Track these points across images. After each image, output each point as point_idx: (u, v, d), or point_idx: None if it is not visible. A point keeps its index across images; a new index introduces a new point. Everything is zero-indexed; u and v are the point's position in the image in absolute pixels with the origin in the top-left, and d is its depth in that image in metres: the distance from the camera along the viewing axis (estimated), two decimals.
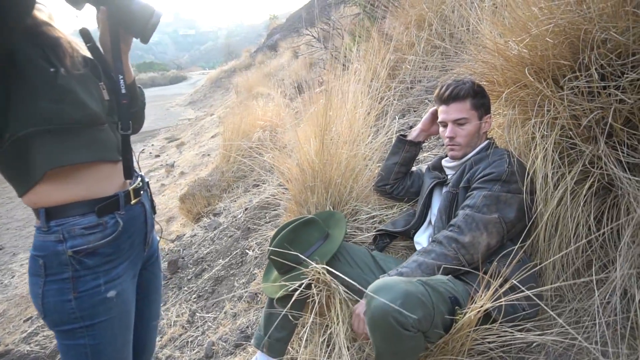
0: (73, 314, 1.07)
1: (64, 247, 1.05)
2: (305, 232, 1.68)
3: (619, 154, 1.37)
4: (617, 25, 1.38)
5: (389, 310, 1.11)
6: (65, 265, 1.06)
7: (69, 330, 1.09)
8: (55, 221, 1.05)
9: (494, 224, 1.46)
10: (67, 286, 1.06)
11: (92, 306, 1.09)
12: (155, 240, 1.39)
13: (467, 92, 1.64)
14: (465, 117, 1.64)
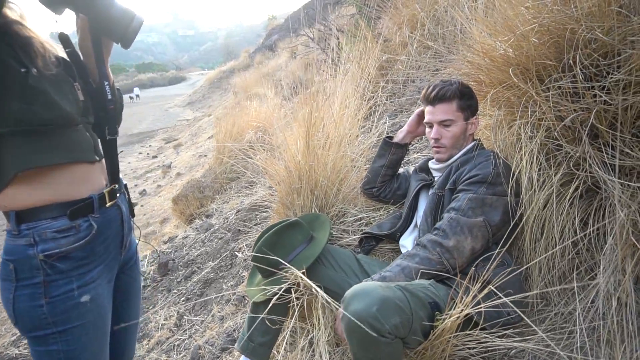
0: (45, 319, 1.05)
1: (35, 251, 1.03)
2: (288, 235, 1.66)
3: (604, 156, 1.35)
4: (602, 25, 1.36)
5: (364, 316, 1.09)
6: (37, 270, 1.03)
7: (41, 336, 1.07)
8: (26, 224, 1.03)
9: (479, 227, 1.44)
10: (38, 291, 1.04)
11: (64, 311, 1.07)
12: (133, 243, 1.37)
13: (453, 93, 1.62)
14: (451, 119, 1.62)
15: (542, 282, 1.51)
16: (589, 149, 1.38)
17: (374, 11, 4.73)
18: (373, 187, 1.95)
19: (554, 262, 1.48)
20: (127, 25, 1.09)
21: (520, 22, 1.55)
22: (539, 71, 1.51)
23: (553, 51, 1.48)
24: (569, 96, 1.41)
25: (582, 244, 1.43)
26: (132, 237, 1.36)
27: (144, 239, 4.47)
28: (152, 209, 6.68)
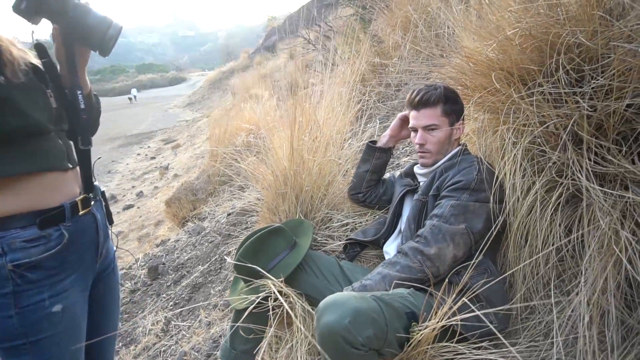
0: (15, 330, 1.03)
1: (3, 261, 1.00)
2: (271, 242, 1.64)
3: (587, 163, 1.32)
4: (585, 30, 1.34)
5: (336, 328, 1.06)
6: (6, 280, 1.01)
7: (13, 347, 1.05)
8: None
9: (461, 234, 1.41)
10: (8, 301, 1.02)
11: (35, 322, 1.05)
12: (111, 251, 1.35)
13: (437, 98, 1.59)
14: (436, 124, 1.60)
15: (526, 289, 1.49)
16: (572, 155, 1.35)
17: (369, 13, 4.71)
18: (359, 192, 1.93)
19: (538, 269, 1.46)
20: (104, 33, 1.07)
21: (505, 25, 1.53)
22: (523, 76, 1.49)
23: (536, 55, 1.46)
24: (552, 102, 1.39)
25: (566, 251, 1.41)
26: (110, 244, 1.34)
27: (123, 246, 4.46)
28: (147, 210, 6.67)
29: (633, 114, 1.28)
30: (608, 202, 1.26)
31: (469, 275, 1.39)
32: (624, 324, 1.30)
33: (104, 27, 1.07)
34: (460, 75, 1.70)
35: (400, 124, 1.86)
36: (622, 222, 1.26)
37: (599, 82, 1.29)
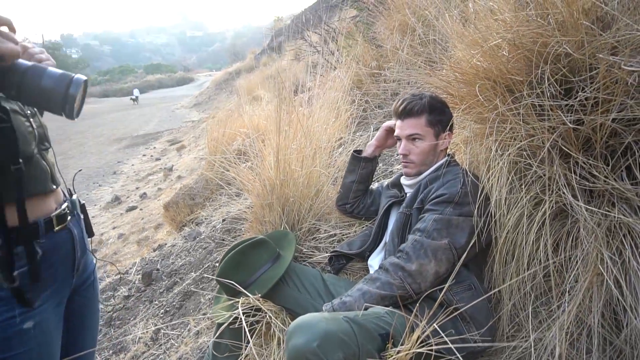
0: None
1: None
2: (253, 254, 1.61)
3: (573, 178, 1.28)
4: (572, 40, 1.30)
5: (304, 351, 1.03)
6: None
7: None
8: None
9: (444, 250, 1.37)
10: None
11: (6, 339, 1.02)
12: (89, 264, 1.33)
13: (422, 107, 1.56)
14: (419, 134, 1.56)
15: (512, 305, 1.45)
16: (559, 169, 1.31)
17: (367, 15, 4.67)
18: (346, 203, 1.89)
19: (525, 285, 1.41)
20: (63, 94, 0.92)
21: (492, 34, 1.49)
22: (509, 86, 1.45)
23: (523, 65, 1.42)
24: (538, 114, 1.35)
25: (553, 267, 1.37)
26: (89, 257, 1.32)
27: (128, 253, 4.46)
28: (150, 212, 6.67)
29: (621, 128, 1.23)
30: (594, 220, 1.22)
31: (453, 292, 1.36)
32: (612, 345, 1.26)
33: (61, 88, 0.92)
34: (446, 85, 1.66)
35: (385, 134, 1.83)
36: (609, 241, 1.21)
37: (585, 94, 1.25)
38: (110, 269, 3.92)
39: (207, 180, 4.25)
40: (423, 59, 2.50)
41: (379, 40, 4.15)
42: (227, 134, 4.12)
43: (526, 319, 1.41)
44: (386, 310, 1.28)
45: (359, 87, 3.62)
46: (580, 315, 1.27)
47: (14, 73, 0.89)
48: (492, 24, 1.53)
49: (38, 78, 0.90)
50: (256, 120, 4.23)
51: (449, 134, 1.60)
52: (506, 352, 1.39)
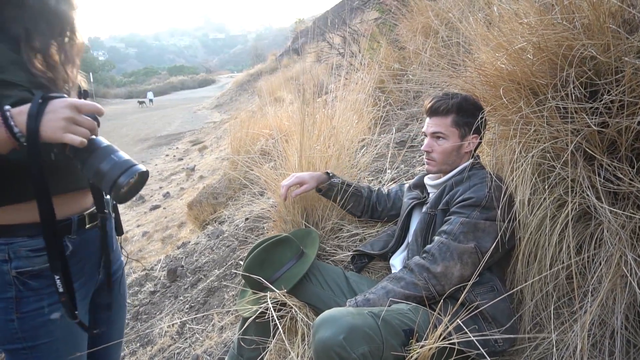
0: (15, 334, 1.07)
1: (8, 267, 1.04)
2: (277, 252, 1.65)
3: (597, 180, 1.29)
4: (599, 43, 1.30)
5: (330, 344, 1.07)
6: (10, 285, 1.05)
7: (13, 350, 1.09)
8: (3, 239, 1.05)
9: (470, 253, 1.39)
10: (10, 306, 1.06)
11: (33, 327, 1.08)
12: (116, 261, 1.36)
13: (449, 107, 1.57)
14: (443, 132, 1.57)
15: (534, 306, 1.46)
16: (582, 172, 1.32)
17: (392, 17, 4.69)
18: (353, 213, 1.96)
19: (547, 286, 1.42)
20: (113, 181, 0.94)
21: (518, 37, 1.51)
22: (534, 88, 1.46)
23: (548, 68, 1.43)
24: (562, 116, 1.36)
25: (576, 269, 1.38)
26: (116, 254, 1.36)
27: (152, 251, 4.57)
28: (172, 212, 6.81)
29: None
30: (618, 222, 1.22)
31: (475, 293, 1.37)
32: (635, 347, 1.26)
33: (114, 174, 0.94)
34: (472, 87, 1.68)
35: None
36: (633, 243, 1.22)
37: (610, 97, 1.26)
38: (135, 266, 4.03)
39: (230, 179, 4.33)
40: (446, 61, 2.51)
41: (401, 42, 4.17)
42: (250, 134, 4.19)
43: (548, 319, 1.42)
44: (410, 307, 1.31)
45: (381, 88, 3.64)
46: (603, 317, 1.27)
47: (85, 150, 0.95)
48: (517, 27, 1.54)
49: (100, 160, 0.95)
50: (278, 121, 4.29)
51: (475, 137, 1.60)
52: (527, 351, 1.40)
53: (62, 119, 0.90)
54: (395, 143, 2.83)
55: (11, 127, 0.87)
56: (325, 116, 2.31)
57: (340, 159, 2.10)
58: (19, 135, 0.88)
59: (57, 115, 0.90)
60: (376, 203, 1.94)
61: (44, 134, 0.89)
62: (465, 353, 1.24)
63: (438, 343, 1.13)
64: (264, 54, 36.13)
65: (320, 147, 2.06)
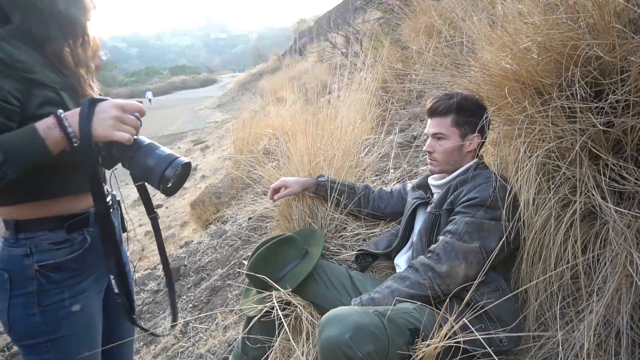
0: (37, 327, 1.09)
1: (30, 262, 1.07)
2: (282, 251, 1.66)
3: (603, 180, 1.29)
4: (604, 43, 1.30)
5: (336, 343, 1.07)
6: (31, 279, 1.07)
7: (34, 344, 1.11)
8: (24, 234, 1.07)
9: (475, 253, 1.39)
10: (31, 300, 1.08)
11: (56, 320, 1.10)
12: (125, 256, 1.39)
13: (449, 107, 1.57)
14: (443, 133, 1.58)
15: (539, 306, 1.46)
16: (587, 171, 1.32)
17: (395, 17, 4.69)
18: (355, 212, 1.98)
19: (551, 286, 1.42)
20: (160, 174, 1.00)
21: (522, 37, 1.51)
22: (539, 88, 1.46)
23: (553, 68, 1.43)
24: (567, 116, 1.36)
25: (581, 268, 1.38)
26: (124, 250, 1.39)
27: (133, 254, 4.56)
28: (175, 211, 6.84)
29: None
30: (623, 222, 1.22)
31: (480, 292, 1.37)
32: None
33: (161, 168, 1.00)
34: (476, 87, 1.68)
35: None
36: (639, 242, 1.22)
37: (616, 97, 1.26)
38: (139, 265, 4.04)
39: (232, 179, 4.34)
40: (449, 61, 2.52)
41: (404, 42, 4.17)
42: (253, 134, 4.20)
43: (552, 319, 1.42)
44: (415, 306, 1.31)
45: (384, 88, 3.64)
46: (608, 317, 1.27)
47: (130, 149, 1.01)
48: (522, 26, 1.54)
49: (146, 157, 1.01)
50: (281, 120, 4.30)
51: (477, 136, 1.59)
52: (532, 351, 1.40)
53: (111, 117, 0.96)
54: (398, 143, 2.83)
55: (65, 128, 0.93)
56: (329, 116, 2.32)
57: (344, 159, 2.10)
58: (72, 135, 0.94)
59: (106, 115, 0.96)
60: (378, 200, 1.95)
61: (95, 132, 0.95)
62: (470, 352, 1.25)
63: (444, 342, 1.13)
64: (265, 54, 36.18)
65: (324, 147, 2.06)
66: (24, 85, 0.99)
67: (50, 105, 1.02)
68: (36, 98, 1.00)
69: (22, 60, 0.99)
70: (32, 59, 1.02)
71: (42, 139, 0.92)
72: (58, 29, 1.08)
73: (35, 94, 1.00)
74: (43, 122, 0.93)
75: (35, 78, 1.01)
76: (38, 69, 1.02)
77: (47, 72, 1.05)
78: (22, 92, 0.98)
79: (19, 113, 0.98)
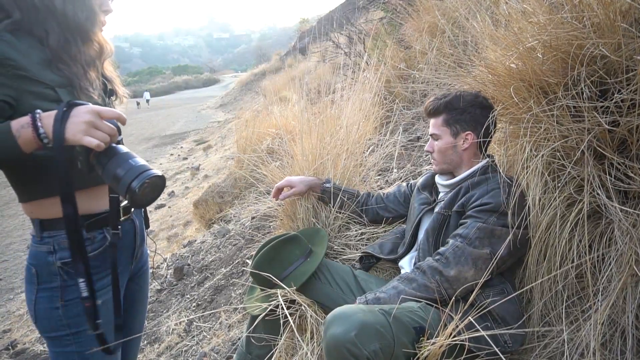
0: (60, 321, 1.13)
1: (54, 258, 1.11)
2: (286, 250, 1.66)
3: (608, 179, 1.29)
4: (610, 42, 1.30)
5: (342, 341, 1.07)
6: (55, 275, 1.12)
7: (58, 337, 1.15)
8: (48, 232, 1.12)
9: (484, 260, 1.38)
10: (55, 294, 1.12)
11: (77, 314, 1.13)
12: (145, 254, 1.44)
13: (437, 107, 1.59)
14: (436, 133, 1.61)
15: (544, 305, 1.46)
16: (593, 171, 1.32)
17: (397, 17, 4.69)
18: (358, 218, 1.99)
19: (556, 285, 1.42)
20: (127, 185, 0.98)
21: (526, 36, 1.51)
22: (544, 87, 1.46)
23: (558, 67, 1.43)
24: (572, 115, 1.36)
25: (585, 268, 1.38)
26: (145, 248, 1.43)
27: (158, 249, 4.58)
28: (178, 210, 6.84)
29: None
30: (629, 221, 1.22)
31: (485, 295, 1.37)
32: None
33: (128, 179, 0.98)
34: (482, 87, 1.68)
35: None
36: None
37: (621, 96, 1.26)
38: None
39: (235, 179, 4.35)
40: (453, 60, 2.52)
41: (407, 42, 4.17)
42: (257, 133, 4.20)
43: (557, 318, 1.42)
44: (420, 304, 1.31)
45: (387, 88, 3.64)
46: (614, 316, 1.27)
47: (105, 155, 1.01)
48: (526, 25, 1.54)
49: (117, 165, 1.00)
50: (284, 120, 4.30)
51: (469, 134, 1.57)
52: (536, 350, 1.40)
53: (83, 122, 0.96)
54: (402, 143, 2.83)
55: (38, 129, 0.94)
56: (332, 116, 2.32)
57: (348, 159, 2.10)
58: (43, 136, 0.95)
59: (79, 120, 0.96)
60: (376, 207, 1.96)
61: (66, 135, 0.95)
62: (474, 352, 1.25)
63: (449, 340, 1.13)
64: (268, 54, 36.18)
65: (329, 147, 2.07)
66: (16, 82, 1.01)
67: (45, 101, 1.05)
68: (30, 94, 1.03)
69: (13, 57, 1.01)
70: (27, 55, 1.04)
71: (14, 137, 0.94)
72: (56, 25, 1.10)
73: (29, 90, 1.03)
74: (18, 121, 0.95)
75: (27, 75, 1.03)
76: (33, 66, 1.05)
77: (43, 69, 1.07)
78: (14, 88, 1.01)
79: (8, 109, 1.00)
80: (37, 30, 1.08)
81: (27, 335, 3.76)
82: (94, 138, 0.97)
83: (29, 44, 1.06)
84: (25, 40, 1.06)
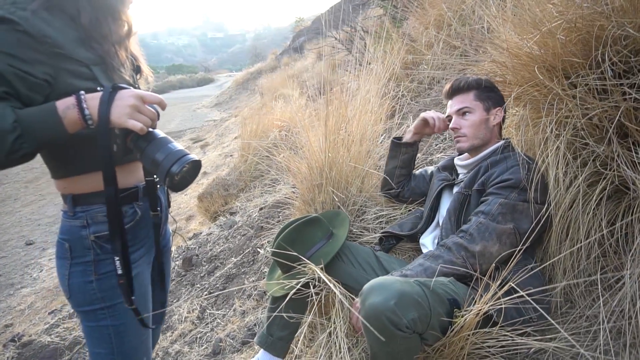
0: (94, 294, 1.14)
1: (87, 232, 1.11)
2: (308, 232, 1.67)
3: (633, 155, 1.31)
4: (633, 21, 1.32)
5: (382, 309, 1.09)
6: (88, 249, 1.12)
7: (92, 310, 1.15)
8: (80, 207, 1.12)
9: (508, 234, 1.40)
10: (89, 268, 1.13)
11: (111, 287, 1.14)
12: (167, 232, 1.46)
13: (469, 84, 1.63)
14: (468, 107, 1.62)
15: (567, 283, 1.48)
16: (617, 147, 1.34)
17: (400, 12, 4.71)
18: (390, 188, 1.95)
19: (579, 263, 1.44)
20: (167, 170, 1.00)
21: (547, 19, 1.53)
22: (566, 69, 1.48)
23: (580, 48, 1.45)
24: (596, 93, 1.38)
25: (608, 245, 1.40)
26: (167, 226, 1.45)
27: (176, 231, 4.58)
28: (178, 206, 6.82)
29: None
30: None
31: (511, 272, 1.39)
32: None
33: (167, 164, 1.00)
34: (502, 70, 1.70)
35: (422, 124, 1.86)
36: None
37: None
38: None
39: (240, 172, 4.35)
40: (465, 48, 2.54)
41: (412, 35, 4.19)
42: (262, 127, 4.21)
43: (580, 296, 1.44)
44: (449, 279, 1.33)
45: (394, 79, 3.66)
46: (636, 290, 1.29)
47: (144, 140, 1.03)
48: (547, 7, 1.56)
49: (156, 150, 1.02)
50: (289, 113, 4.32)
51: (499, 109, 1.63)
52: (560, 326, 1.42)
53: (128, 105, 0.99)
54: None
55: (83, 110, 0.96)
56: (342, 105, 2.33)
57: (362, 144, 2.12)
58: (88, 117, 0.97)
59: (124, 103, 0.99)
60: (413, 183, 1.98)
61: (111, 118, 0.97)
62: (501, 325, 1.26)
63: (487, 307, 1.14)
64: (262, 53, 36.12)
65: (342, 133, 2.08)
66: (53, 59, 1.01)
67: (80, 79, 1.05)
68: (66, 72, 1.03)
69: (50, 35, 1.01)
70: (62, 33, 1.04)
71: (60, 117, 0.95)
72: (87, 4, 1.10)
73: (65, 68, 1.03)
74: (63, 102, 0.96)
75: (64, 52, 1.03)
76: (69, 43, 1.05)
77: (78, 47, 1.07)
78: (52, 65, 1.00)
79: (47, 87, 1.00)
80: (69, 8, 1.08)
81: (30, 328, 3.74)
82: (138, 122, 0.99)
83: (63, 21, 1.06)
84: (59, 18, 1.06)
